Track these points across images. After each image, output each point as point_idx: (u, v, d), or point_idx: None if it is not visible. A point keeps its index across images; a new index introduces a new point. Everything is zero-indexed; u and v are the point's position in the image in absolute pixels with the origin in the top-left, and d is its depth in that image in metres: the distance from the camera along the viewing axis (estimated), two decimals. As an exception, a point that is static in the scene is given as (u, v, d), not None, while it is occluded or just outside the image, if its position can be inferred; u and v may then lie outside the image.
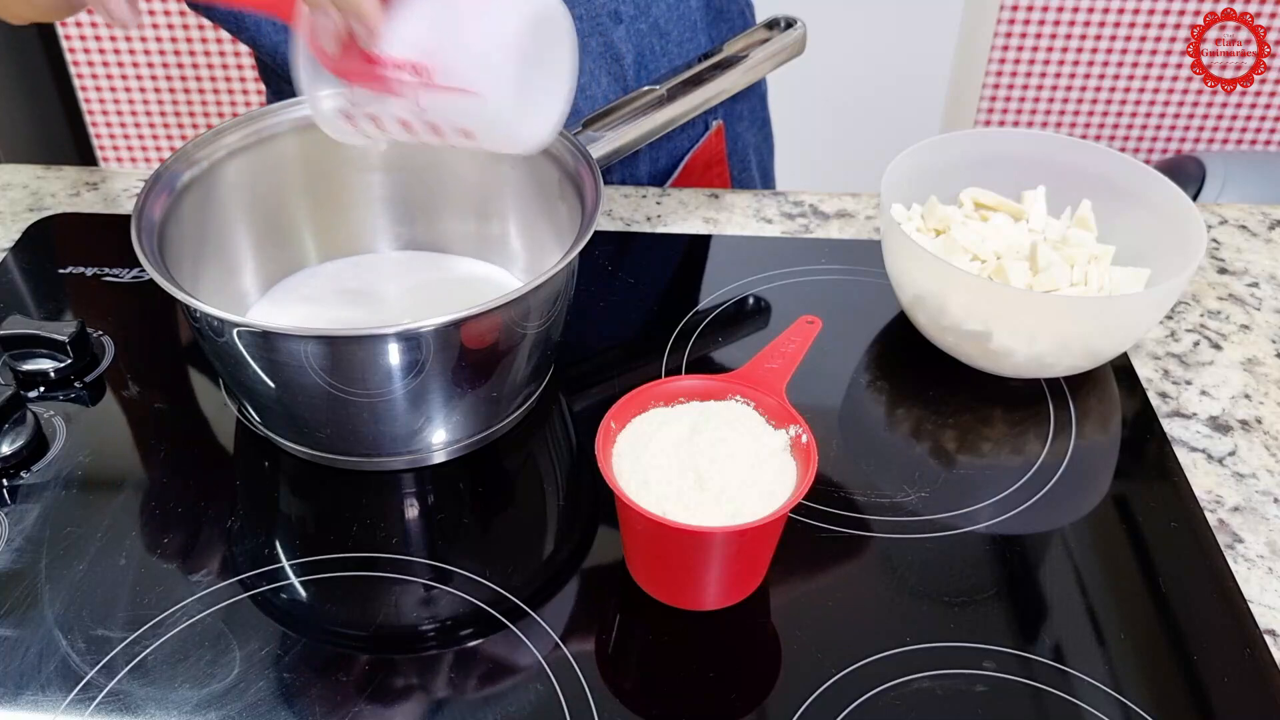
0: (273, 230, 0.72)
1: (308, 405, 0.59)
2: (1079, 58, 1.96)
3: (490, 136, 0.53)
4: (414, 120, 0.52)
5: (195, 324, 0.59)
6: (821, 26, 0.94)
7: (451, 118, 0.52)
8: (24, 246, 0.80)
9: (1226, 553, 0.58)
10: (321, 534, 0.59)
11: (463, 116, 0.52)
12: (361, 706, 0.50)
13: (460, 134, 0.53)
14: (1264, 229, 0.84)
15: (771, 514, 0.49)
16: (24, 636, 0.53)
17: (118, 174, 0.89)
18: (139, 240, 0.58)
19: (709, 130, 0.90)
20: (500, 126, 0.52)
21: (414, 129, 0.53)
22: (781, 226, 0.83)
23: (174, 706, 0.50)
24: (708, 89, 0.77)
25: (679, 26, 0.84)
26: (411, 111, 0.52)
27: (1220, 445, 0.65)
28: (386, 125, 0.54)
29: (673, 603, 0.54)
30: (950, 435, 0.65)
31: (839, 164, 1.83)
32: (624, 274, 0.78)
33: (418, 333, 0.54)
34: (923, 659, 0.52)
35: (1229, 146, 2.05)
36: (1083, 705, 0.50)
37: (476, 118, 0.52)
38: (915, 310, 0.68)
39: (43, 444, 0.63)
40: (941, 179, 0.73)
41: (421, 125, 0.53)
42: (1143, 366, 0.70)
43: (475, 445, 0.63)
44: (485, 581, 0.56)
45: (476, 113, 0.51)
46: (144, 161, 2.11)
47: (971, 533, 0.59)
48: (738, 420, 0.54)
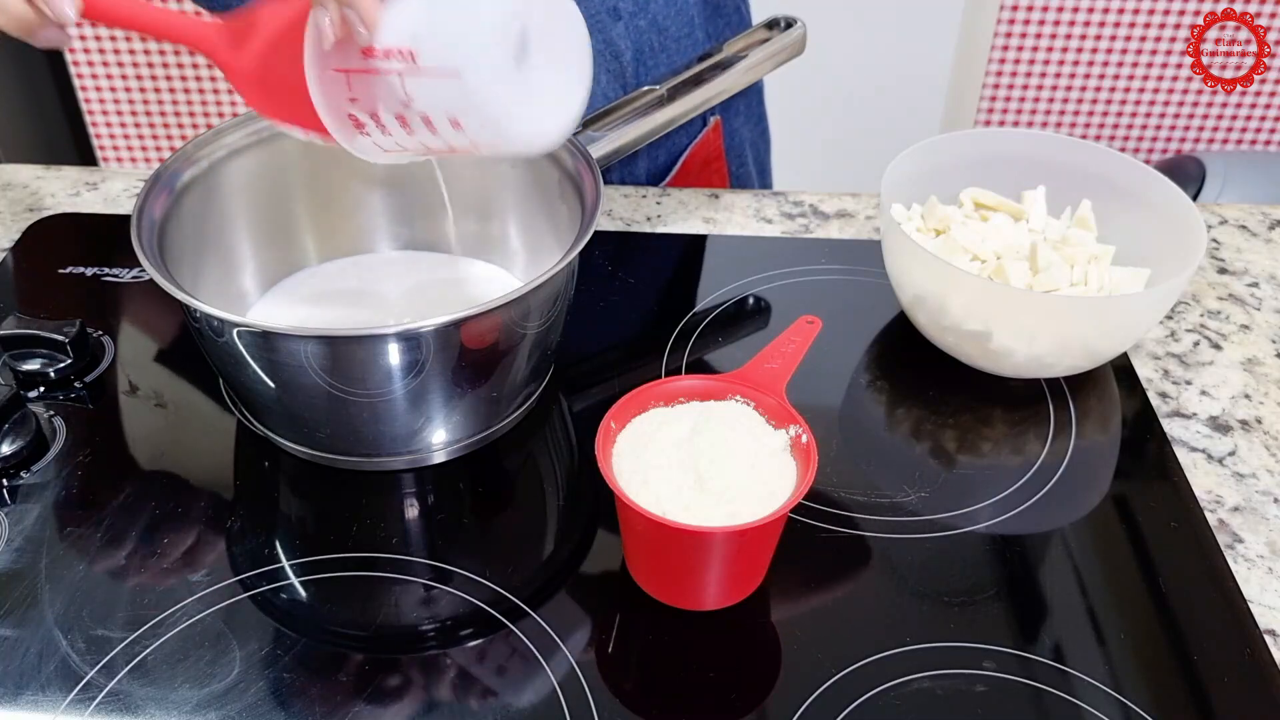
0: (273, 230, 0.72)
1: (308, 405, 0.59)
2: (1079, 58, 1.96)
3: (480, 127, 0.52)
4: (408, 114, 0.52)
5: (195, 324, 0.59)
6: (821, 26, 0.94)
7: (438, 105, 0.51)
8: (24, 246, 0.80)
9: (1226, 553, 0.58)
10: (321, 534, 0.59)
11: (447, 102, 0.51)
12: (361, 706, 0.50)
13: (450, 125, 0.52)
14: (1264, 229, 0.84)
15: (771, 514, 0.49)
16: (24, 636, 0.53)
17: (118, 174, 0.89)
18: (139, 240, 0.58)
19: (706, 126, 0.90)
20: (487, 114, 0.51)
21: (410, 125, 0.53)
22: (781, 226, 0.83)
23: (174, 706, 0.50)
24: (708, 89, 0.78)
25: (677, 23, 0.84)
26: (402, 102, 0.52)
27: (1220, 445, 0.65)
28: (386, 123, 0.53)
29: (673, 603, 0.54)
30: (950, 435, 0.65)
31: (839, 164, 1.83)
32: (624, 274, 0.78)
33: (418, 333, 0.54)
34: (923, 659, 0.52)
35: (1229, 146, 2.05)
36: (1083, 705, 0.50)
37: (460, 103, 0.51)
38: (915, 310, 0.68)
39: (43, 444, 0.63)
40: (941, 179, 0.73)
41: (416, 119, 0.52)
42: (1143, 366, 0.70)
43: (475, 445, 0.63)
44: (485, 581, 0.56)
45: (459, 97, 0.50)
46: (144, 161, 2.11)
47: (971, 533, 0.59)
48: (738, 420, 0.54)
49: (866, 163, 1.11)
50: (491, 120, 0.51)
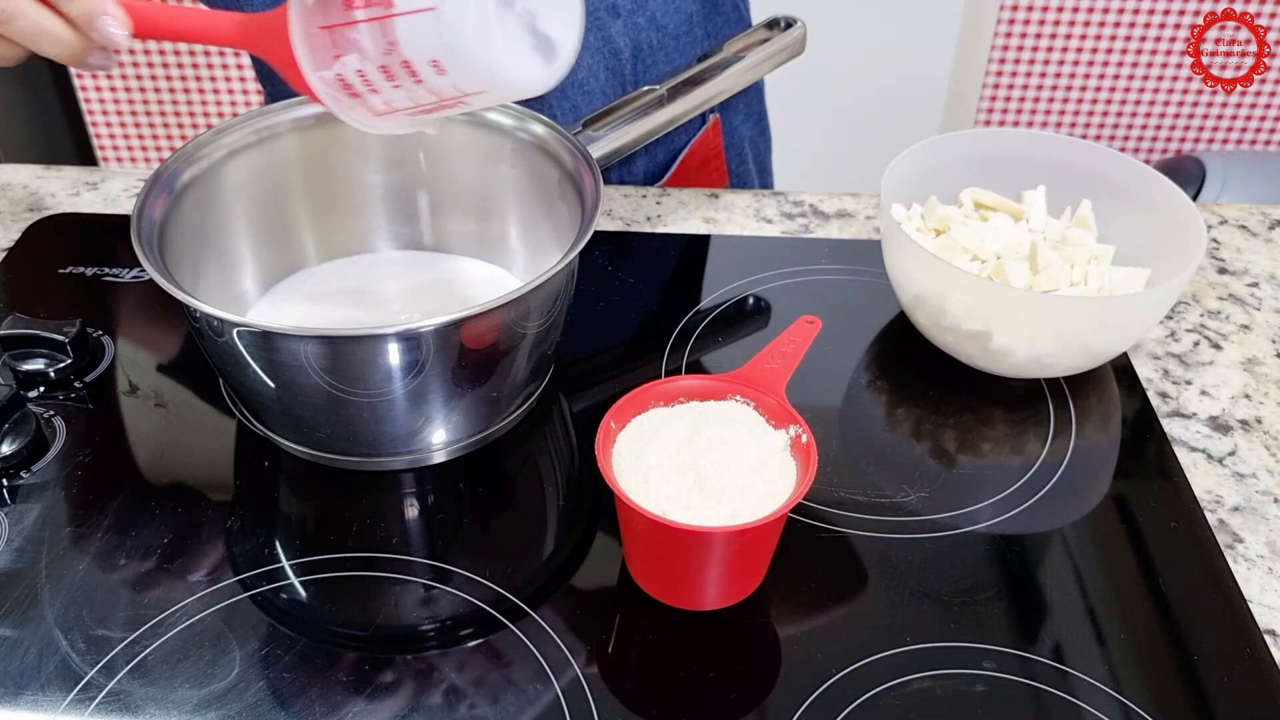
0: (273, 230, 0.72)
1: (308, 405, 0.59)
2: (1079, 58, 1.96)
3: (463, 70, 0.51)
4: (390, 63, 0.51)
5: (195, 324, 0.59)
6: (821, 26, 0.94)
7: (418, 47, 0.50)
8: (24, 246, 0.80)
9: (1226, 553, 0.58)
10: (321, 534, 0.59)
11: (427, 43, 0.50)
12: (361, 706, 0.50)
13: (434, 69, 0.51)
14: (1264, 229, 0.84)
15: (771, 514, 0.49)
16: (24, 636, 0.53)
17: (118, 174, 0.89)
18: (139, 240, 0.58)
19: (706, 125, 0.90)
20: (467, 53, 0.50)
21: (395, 75, 0.52)
22: (781, 226, 0.83)
23: (174, 706, 0.50)
24: (708, 89, 0.78)
25: (675, 20, 0.84)
26: (383, 50, 0.51)
27: (1220, 445, 0.65)
28: (372, 79, 0.52)
29: (673, 603, 0.54)
30: (950, 435, 0.65)
31: (839, 164, 1.83)
32: (624, 274, 0.78)
33: (418, 333, 0.54)
34: (923, 659, 0.52)
35: (1229, 146, 2.05)
36: (1083, 705, 0.50)
37: (440, 42, 0.50)
38: (915, 310, 0.68)
39: (43, 444, 0.63)
40: (941, 179, 0.73)
41: (398, 68, 0.51)
42: (1143, 366, 0.70)
43: (475, 445, 0.63)
44: (485, 581, 0.56)
45: (436, 35, 0.49)
46: (144, 161, 2.11)
47: (971, 533, 0.59)
48: (738, 420, 0.54)
49: (866, 163, 1.11)
50: (473, 60, 0.50)
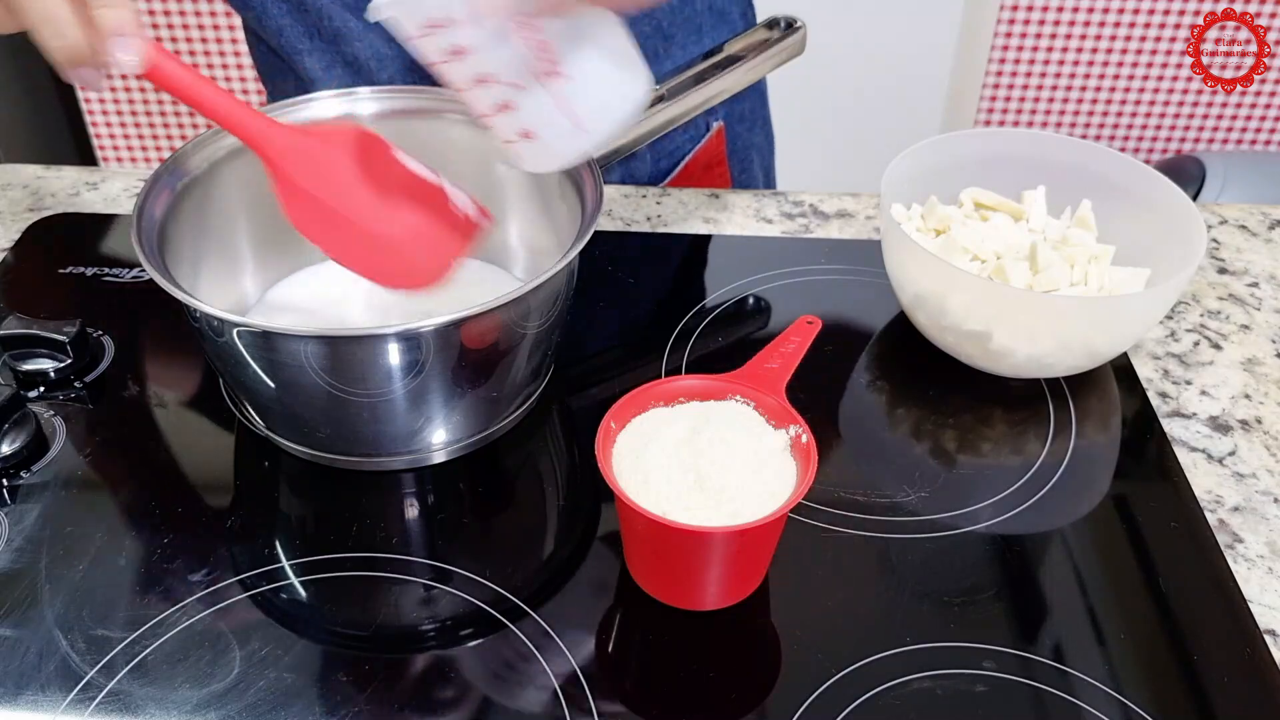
0: (273, 230, 0.71)
1: (308, 405, 0.59)
2: (1079, 58, 1.96)
3: (541, 124, 0.58)
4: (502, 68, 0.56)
5: (195, 324, 0.59)
6: (821, 26, 0.94)
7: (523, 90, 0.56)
8: (24, 246, 0.80)
9: (1226, 553, 0.58)
10: (321, 534, 0.59)
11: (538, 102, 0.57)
12: (361, 706, 0.50)
13: (504, 104, 0.57)
14: (1264, 229, 0.84)
15: (771, 514, 0.49)
16: (24, 636, 0.53)
17: (118, 174, 0.89)
18: (139, 240, 0.58)
19: (709, 132, 0.90)
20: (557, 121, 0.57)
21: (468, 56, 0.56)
22: (781, 226, 0.83)
23: (174, 706, 0.50)
24: (708, 89, 0.77)
25: (683, 30, 0.84)
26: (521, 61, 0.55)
27: (1220, 445, 0.65)
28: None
29: (673, 603, 0.54)
30: (950, 435, 0.65)
31: (839, 164, 1.83)
32: (624, 274, 0.78)
33: (418, 333, 0.54)
34: (923, 659, 0.52)
35: (1229, 146, 2.05)
36: (1083, 705, 0.50)
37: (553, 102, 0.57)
38: (915, 310, 0.68)
39: (43, 444, 0.63)
40: (941, 179, 0.73)
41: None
42: (1143, 366, 0.70)
43: (475, 445, 0.63)
44: (485, 581, 0.56)
45: (560, 93, 0.56)
46: (144, 161, 2.11)
47: (971, 533, 0.59)
48: (738, 420, 0.54)
49: (866, 163, 1.11)
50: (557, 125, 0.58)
